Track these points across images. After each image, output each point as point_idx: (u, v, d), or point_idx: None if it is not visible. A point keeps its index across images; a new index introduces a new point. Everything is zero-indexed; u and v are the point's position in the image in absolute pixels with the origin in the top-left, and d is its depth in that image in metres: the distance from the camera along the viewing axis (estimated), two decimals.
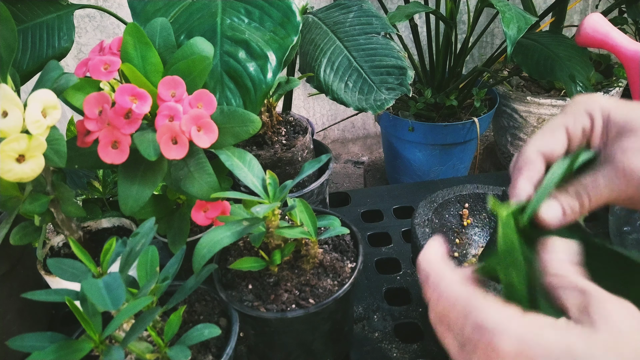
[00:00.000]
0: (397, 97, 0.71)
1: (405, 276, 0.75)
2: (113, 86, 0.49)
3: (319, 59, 0.75)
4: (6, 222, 0.50)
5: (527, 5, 1.28)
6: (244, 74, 0.56)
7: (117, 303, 0.35)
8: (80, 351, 0.38)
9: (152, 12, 0.61)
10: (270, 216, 0.50)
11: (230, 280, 0.55)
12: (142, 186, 0.49)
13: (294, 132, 0.76)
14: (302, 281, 0.53)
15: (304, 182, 0.74)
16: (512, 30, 0.78)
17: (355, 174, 1.67)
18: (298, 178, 0.51)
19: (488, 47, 1.63)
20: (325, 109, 1.65)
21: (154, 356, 0.43)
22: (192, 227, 0.65)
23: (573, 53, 1.02)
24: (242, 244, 0.59)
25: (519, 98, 1.29)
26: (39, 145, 0.41)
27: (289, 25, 0.59)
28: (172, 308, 0.48)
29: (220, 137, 0.49)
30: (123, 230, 0.64)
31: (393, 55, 0.74)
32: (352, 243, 0.59)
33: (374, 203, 0.92)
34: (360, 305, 0.70)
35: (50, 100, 0.42)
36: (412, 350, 0.63)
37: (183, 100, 0.48)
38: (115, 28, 1.40)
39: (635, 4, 1.12)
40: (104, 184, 0.74)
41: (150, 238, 0.44)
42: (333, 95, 0.72)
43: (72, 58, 1.40)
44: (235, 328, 0.48)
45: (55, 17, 0.71)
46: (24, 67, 0.67)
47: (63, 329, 0.70)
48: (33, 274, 0.59)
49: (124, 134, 0.46)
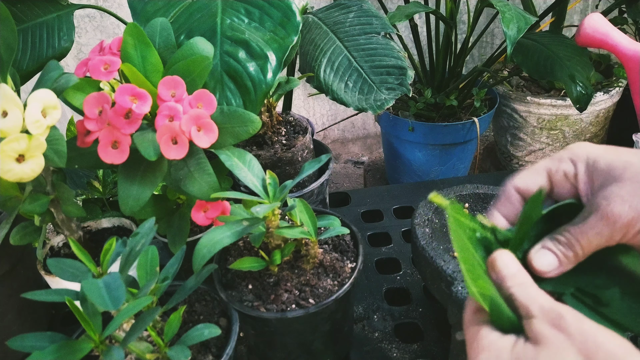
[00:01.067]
0: (397, 97, 0.71)
1: (405, 276, 0.75)
2: (113, 86, 0.49)
3: (319, 59, 0.75)
4: (6, 222, 0.50)
5: (527, 5, 1.28)
6: (244, 74, 0.56)
7: (117, 303, 0.35)
8: (80, 351, 0.38)
9: (152, 12, 0.61)
10: (270, 216, 0.50)
11: (230, 280, 0.55)
12: (142, 186, 0.49)
13: (294, 132, 0.76)
14: (302, 281, 0.53)
15: (304, 182, 0.74)
16: (512, 30, 0.78)
17: (355, 174, 1.67)
18: (298, 178, 0.51)
19: (488, 47, 1.63)
20: (325, 109, 1.65)
21: (154, 356, 0.43)
22: (192, 227, 0.65)
23: (573, 53, 1.02)
24: (242, 244, 0.59)
25: (519, 98, 1.29)
26: (39, 145, 0.41)
27: (289, 25, 0.59)
28: (172, 308, 0.48)
29: (220, 137, 0.49)
30: (123, 230, 0.64)
31: (393, 55, 0.74)
32: (352, 243, 0.59)
33: (374, 203, 0.92)
34: (360, 305, 0.70)
35: (50, 100, 0.42)
36: (412, 350, 0.63)
37: (183, 100, 0.48)
38: (115, 28, 1.40)
39: (635, 4, 1.12)
40: (104, 184, 0.74)
41: (150, 238, 0.44)
42: (333, 95, 0.72)
43: (72, 58, 1.40)
44: (235, 328, 0.48)
45: (55, 17, 0.71)
46: (24, 67, 0.67)
47: (63, 329, 0.70)
48: (33, 274, 0.59)
49: (124, 134, 0.46)
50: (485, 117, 1.21)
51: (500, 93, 1.32)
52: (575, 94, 0.96)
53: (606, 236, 0.29)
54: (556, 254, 0.31)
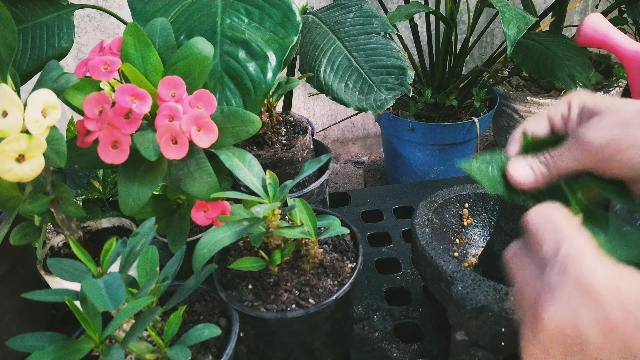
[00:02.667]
0: (397, 97, 0.71)
1: (405, 276, 0.75)
2: (113, 86, 0.49)
3: (319, 59, 0.75)
4: (6, 222, 0.50)
5: (527, 5, 1.28)
6: (244, 74, 0.56)
7: (117, 303, 0.35)
8: (80, 351, 0.38)
9: (152, 12, 0.61)
10: (270, 216, 0.50)
11: (230, 280, 0.55)
12: (142, 186, 0.49)
13: (294, 132, 0.76)
14: (302, 281, 0.53)
15: (304, 182, 0.74)
16: (512, 30, 0.78)
17: (355, 174, 1.67)
18: (298, 178, 0.51)
19: (488, 47, 1.63)
20: (325, 109, 1.65)
21: (154, 356, 0.43)
22: (192, 227, 0.65)
23: (573, 53, 1.02)
24: (242, 244, 0.59)
25: (519, 98, 1.29)
26: (39, 145, 0.41)
27: (289, 25, 0.59)
28: (172, 308, 0.48)
29: (220, 137, 0.49)
30: (123, 230, 0.64)
31: (393, 55, 0.74)
32: (352, 243, 0.59)
33: (374, 203, 0.92)
34: (360, 305, 0.70)
35: (50, 100, 0.42)
36: (412, 350, 0.63)
37: (183, 100, 0.48)
38: (115, 28, 1.40)
39: (635, 4, 1.12)
40: (104, 184, 0.74)
41: (150, 238, 0.44)
42: (333, 95, 0.72)
43: (72, 58, 1.40)
44: (235, 328, 0.48)
45: (55, 17, 0.71)
46: (24, 67, 0.67)
47: (63, 329, 0.70)
48: (33, 274, 0.59)
49: (124, 134, 0.46)
50: (485, 117, 1.21)
51: (500, 93, 1.32)
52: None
53: (579, 159, 0.33)
54: (532, 167, 0.35)
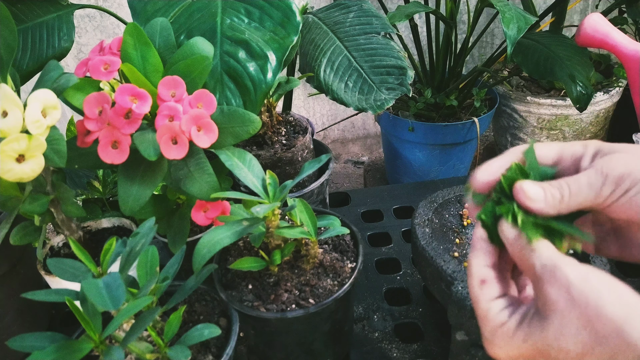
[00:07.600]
0: (397, 97, 0.71)
1: (405, 276, 0.75)
2: (113, 86, 0.49)
3: (319, 59, 0.75)
4: (6, 222, 0.50)
5: (527, 5, 1.28)
6: (244, 74, 0.56)
7: (117, 303, 0.35)
8: (80, 351, 0.38)
9: (152, 12, 0.61)
10: (270, 216, 0.50)
11: (230, 280, 0.55)
12: (142, 186, 0.49)
13: (294, 132, 0.76)
14: (302, 281, 0.53)
15: (304, 182, 0.74)
16: (512, 30, 0.78)
17: (355, 174, 1.67)
18: (298, 178, 0.51)
19: (488, 47, 1.63)
20: (325, 109, 1.65)
21: (154, 356, 0.43)
22: (192, 227, 0.65)
23: (573, 53, 1.02)
24: (242, 244, 0.59)
25: (519, 98, 1.29)
26: (39, 145, 0.41)
27: (289, 25, 0.59)
28: (172, 308, 0.48)
29: (220, 137, 0.49)
30: (123, 230, 0.64)
31: (393, 55, 0.74)
32: (352, 243, 0.59)
33: (374, 203, 0.92)
34: (360, 305, 0.70)
35: (50, 100, 0.42)
36: (412, 350, 0.63)
37: (183, 100, 0.48)
38: (115, 28, 1.40)
39: (635, 4, 1.12)
40: (104, 184, 0.74)
41: (150, 238, 0.44)
42: (333, 95, 0.72)
43: (72, 58, 1.40)
44: (235, 328, 0.48)
45: (55, 17, 0.71)
46: (24, 67, 0.67)
47: (63, 329, 0.70)
48: (33, 274, 0.59)
49: (124, 134, 0.46)
50: (485, 117, 1.21)
51: (500, 93, 1.32)
52: (575, 94, 0.96)
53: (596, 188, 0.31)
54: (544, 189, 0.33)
